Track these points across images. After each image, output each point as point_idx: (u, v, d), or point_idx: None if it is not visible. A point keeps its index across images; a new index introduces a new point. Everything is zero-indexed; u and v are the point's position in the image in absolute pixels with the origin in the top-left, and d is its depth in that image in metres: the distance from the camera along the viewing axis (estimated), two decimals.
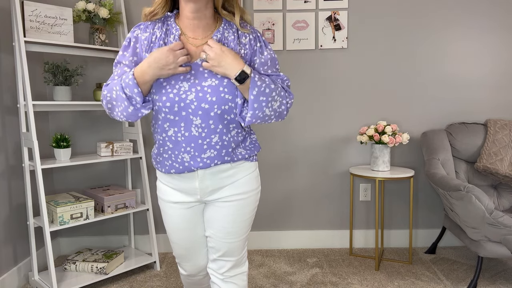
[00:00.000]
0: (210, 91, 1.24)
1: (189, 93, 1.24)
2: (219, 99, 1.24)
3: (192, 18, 1.27)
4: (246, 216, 1.41)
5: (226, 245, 1.41)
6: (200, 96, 1.24)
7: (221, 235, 1.40)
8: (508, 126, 2.64)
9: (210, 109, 1.24)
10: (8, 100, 2.36)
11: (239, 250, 1.43)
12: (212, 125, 1.26)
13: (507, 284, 2.36)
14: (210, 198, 1.39)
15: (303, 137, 2.87)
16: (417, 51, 2.81)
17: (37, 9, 2.20)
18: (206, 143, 1.28)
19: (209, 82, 1.24)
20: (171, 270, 2.61)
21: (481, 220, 2.12)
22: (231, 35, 1.30)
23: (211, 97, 1.24)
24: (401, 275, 2.49)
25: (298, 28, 2.77)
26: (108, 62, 2.77)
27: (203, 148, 1.28)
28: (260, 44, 1.32)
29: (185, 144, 1.28)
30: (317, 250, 2.92)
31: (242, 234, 1.42)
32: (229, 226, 1.39)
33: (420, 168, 2.88)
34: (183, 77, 1.25)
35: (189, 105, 1.24)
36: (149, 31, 1.31)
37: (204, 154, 1.29)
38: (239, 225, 1.40)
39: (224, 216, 1.38)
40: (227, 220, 1.39)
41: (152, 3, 1.35)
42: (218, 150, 1.30)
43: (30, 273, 2.40)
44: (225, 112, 1.26)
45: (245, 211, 1.40)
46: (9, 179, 2.35)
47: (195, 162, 1.30)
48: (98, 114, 2.81)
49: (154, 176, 2.87)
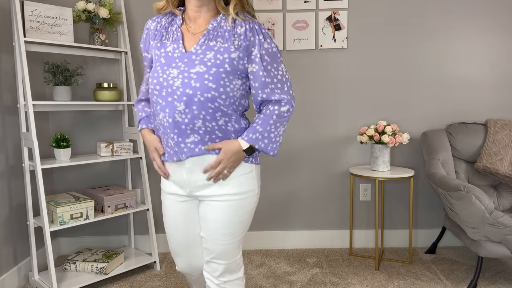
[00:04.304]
0: (196, 77, 1.26)
1: (176, 79, 1.27)
2: (202, 86, 1.25)
3: (195, 11, 1.34)
4: (241, 218, 1.37)
5: (219, 247, 1.38)
6: (185, 82, 1.26)
7: (215, 236, 1.37)
8: (508, 126, 2.64)
9: (193, 95, 1.26)
10: (8, 100, 2.36)
11: (232, 253, 1.39)
12: (195, 111, 1.28)
13: (507, 284, 2.36)
14: (199, 193, 1.38)
15: (303, 137, 2.87)
16: (417, 51, 2.81)
17: (37, 9, 2.20)
18: (190, 128, 1.29)
19: (197, 68, 1.27)
20: (171, 270, 2.61)
21: (481, 220, 2.12)
22: (227, 25, 1.31)
23: (195, 83, 1.26)
24: (401, 275, 2.49)
25: (298, 28, 2.77)
26: (108, 62, 2.77)
27: (187, 133, 1.30)
28: (259, 37, 1.31)
29: (170, 130, 1.31)
30: (317, 250, 2.92)
31: (236, 236, 1.38)
32: (222, 227, 1.36)
33: (420, 168, 2.88)
34: (175, 65, 1.29)
35: (175, 91, 1.27)
36: (157, 20, 1.40)
37: (188, 138, 1.31)
38: (233, 227, 1.36)
39: (218, 216, 1.36)
40: (221, 221, 1.36)
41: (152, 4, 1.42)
42: (201, 135, 1.30)
43: (30, 273, 2.40)
44: (208, 100, 1.27)
45: (239, 212, 1.37)
46: (9, 179, 2.35)
47: (180, 149, 1.32)
48: (98, 114, 2.81)
49: (154, 176, 2.87)
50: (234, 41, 1.29)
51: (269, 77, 1.32)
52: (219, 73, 1.26)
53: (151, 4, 2.73)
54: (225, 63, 1.27)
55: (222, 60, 1.28)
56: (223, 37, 1.30)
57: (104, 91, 2.49)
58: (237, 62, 1.29)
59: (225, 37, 1.30)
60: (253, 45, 1.30)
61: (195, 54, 1.28)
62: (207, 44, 1.29)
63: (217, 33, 1.30)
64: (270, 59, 1.32)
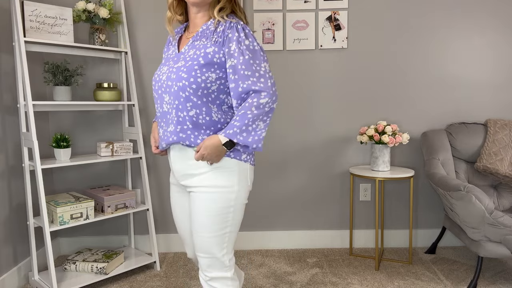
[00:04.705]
0: (175, 70, 1.40)
1: (164, 74, 1.44)
2: (177, 77, 1.38)
3: (194, 18, 1.49)
4: (215, 212, 1.39)
5: (197, 238, 1.42)
6: (168, 75, 1.42)
7: (194, 226, 1.43)
8: (508, 126, 2.64)
9: (172, 86, 1.40)
10: (8, 100, 2.36)
11: (211, 248, 1.41)
12: (172, 101, 1.40)
13: (507, 284, 2.36)
14: (184, 183, 1.47)
15: (303, 137, 2.87)
16: (417, 51, 2.81)
17: (37, 9, 2.20)
18: (170, 118, 1.43)
19: (178, 64, 1.41)
20: (171, 270, 2.61)
21: (481, 220, 2.12)
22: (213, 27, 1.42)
23: (174, 75, 1.39)
24: (401, 275, 2.49)
25: (298, 28, 2.77)
26: (108, 62, 2.77)
27: (168, 123, 1.44)
28: (239, 34, 1.38)
29: (160, 120, 1.48)
30: (317, 250, 2.92)
31: (212, 231, 1.40)
32: (197, 218, 1.41)
33: (420, 168, 2.88)
34: (168, 63, 1.47)
35: (162, 84, 1.44)
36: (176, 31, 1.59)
37: (168, 127, 1.44)
38: (206, 220, 1.39)
39: (195, 207, 1.42)
40: (196, 211, 1.41)
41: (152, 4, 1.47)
42: (174, 125, 1.41)
43: (30, 273, 2.40)
44: (180, 89, 1.37)
45: (212, 206, 1.39)
46: (9, 179, 2.35)
47: (165, 136, 1.46)
48: (98, 114, 2.81)
49: (154, 176, 2.87)
50: (212, 38, 1.40)
51: (250, 71, 1.36)
52: (192, 65, 1.37)
53: (151, 4, 2.73)
54: (200, 57, 1.37)
55: (198, 55, 1.38)
56: (207, 36, 1.42)
57: (104, 91, 2.49)
58: (211, 56, 1.37)
59: (208, 36, 1.41)
60: (230, 40, 1.38)
61: (183, 54, 1.43)
62: (193, 44, 1.43)
63: (204, 34, 1.43)
64: (252, 55, 1.38)
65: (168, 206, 2.90)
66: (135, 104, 2.61)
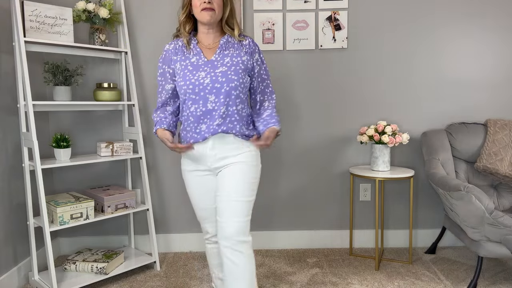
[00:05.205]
0: (221, 74, 1.73)
1: (205, 78, 1.73)
2: (228, 80, 1.72)
3: (206, 33, 1.83)
4: (248, 180, 1.74)
5: (231, 204, 1.70)
6: (213, 79, 1.72)
7: (227, 193, 1.71)
8: (508, 126, 2.64)
9: (221, 87, 1.71)
10: (8, 100, 2.36)
11: (242, 212, 1.70)
12: (222, 99, 1.71)
13: (507, 284, 2.36)
14: (218, 165, 1.77)
15: (303, 137, 2.87)
16: (417, 51, 2.81)
17: (37, 9, 2.20)
18: (217, 114, 1.72)
19: (220, 69, 1.74)
20: (171, 270, 2.61)
21: (481, 220, 2.13)
22: (234, 41, 1.82)
23: (222, 78, 1.72)
24: (401, 275, 2.49)
25: (298, 28, 2.77)
26: (108, 62, 2.77)
27: (215, 118, 1.73)
28: (257, 48, 1.87)
29: (203, 117, 1.74)
30: (317, 250, 2.92)
31: (245, 196, 1.72)
32: (235, 184, 1.72)
33: (420, 168, 2.88)
34: (201, 69, 1.74)
35: (206, 87, 1.72)
36: (174, 43, 1.86)
37: (215, 122, 1.73)
38: (242, 186, 1.72)
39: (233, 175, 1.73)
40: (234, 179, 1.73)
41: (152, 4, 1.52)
42: (224, 118, 1.73)
43: (30, 273, 2.40)
44: (232, 89, 1.72)
45: (247, 175, 1.75)
46: (9, 179, 2.35)
47: (208, 130, 1.73)
48: (98, 114, 2.81)
49: (154, 176, 2.87)
50: (243, 49, 1.82)
51: (267, 75, 1.90)
52: (236, 70, 1.75)
53: (151, 4, 2.73)
54: (240, 63, 1.77)
55: (237, 61, 1.77)
56: (233, 47, 1.81)
57: (104, 91, 2.49)
58: (246, 62, 1.79)
59: (235, 47, 1.81)
60: (254, 52, 1.84)
61: (215, 61, 1.77)
62: (223, 53, 1.79)
63: (228, 45, 1.81)
64: (264, 64, 1.89)
65: (168, 206, 2.90)
66: (135, 104, 2.61)
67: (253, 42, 1.85)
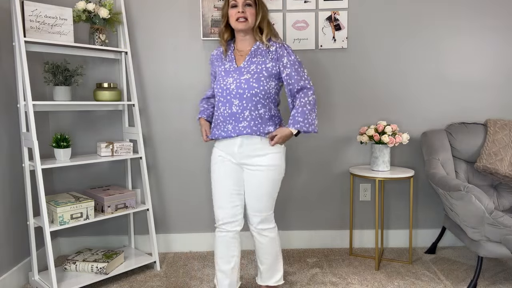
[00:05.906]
0: (244, 81, 1.93)
1: (232, 84, 1.95)
2: (249, 87, 1.92)
3: (241, 40, 2.03)
4: (272, 183, 1.99)
5: (257, 203, 1.99)
6: (238, 85, 1.94)
7: (253, 194, 1.99)
8: (508, 126, 2.64)
9: (243, 93, 1.93)
10: (8, 100, 2.36)
11: (266, 208, 2.01)
12: (245, 104, 1.93)
13: (507, 284, 2.36)
14: (244, 161, 1.98)
15: (303, 137, 2.86)
16: (417, 51, 2.81)
17: (37, 9, 2.20)
18: (241, 117, 1.94)
19: (245, 76, 1.94)
20: (171, 270, 2.61)
21: (481, 220, 2.13)
22: (263, 47, 2.00)
23: (245, 85, 1.93)
24: (401, 275, 2.49)
25: (298, 28, 2.77)
26: (108, 62, 2.77)
27: (240, 120, 1.95)
28: (287, 51, 1.98)
29: (229, 118, 1.96)
30: (317, 250, 2.92)
31: (271, 197, 2.01)
32: (259, 187, 1.98)
33: (420, 168, 2.88)
34: (230, 76, 1.97)
35: (231, 92, 1.95)
36: (218, 50, 2.12)
37: (240, 124, 1.95)
38: (266, 189, 1.98)
39: (257, 180, 1.97)
40: (258, 182, 1.97)
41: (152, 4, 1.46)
42: (248, 121, 1.94)
43: (30, 273, 2.40)
44: (253, 95, 1.92)
45: (271, 179, 1.98)
46: (9, 179, 2.35)
47: (234, 130, 1.95)
48: (98, 114, 2.81)
49: (154, 176, 2.87)
50: (269, 56, 1.98)
51: (299, 76, 1.98)
52: (260, 77, 1.94)
53: (151, 4, 2.73)
54: (263, 70, 1.95)
55: (260, 69, 1.95)
56: (261, 54, 1.99)
57: (104, 91, 2.49)
58: (271, 69, 1.96)
59: (263, 54, 1.98)
60: (282, 56, 1.97)
61: (243, 68, 1.97)
62: (251, 60, 1.98)
63: (257, 52, 1.99)
64: (297, 65, 1.98)
65: (168, 206, 2.90)
66: (135, 104, 2.61)
67: (282, 46, 1.98)
